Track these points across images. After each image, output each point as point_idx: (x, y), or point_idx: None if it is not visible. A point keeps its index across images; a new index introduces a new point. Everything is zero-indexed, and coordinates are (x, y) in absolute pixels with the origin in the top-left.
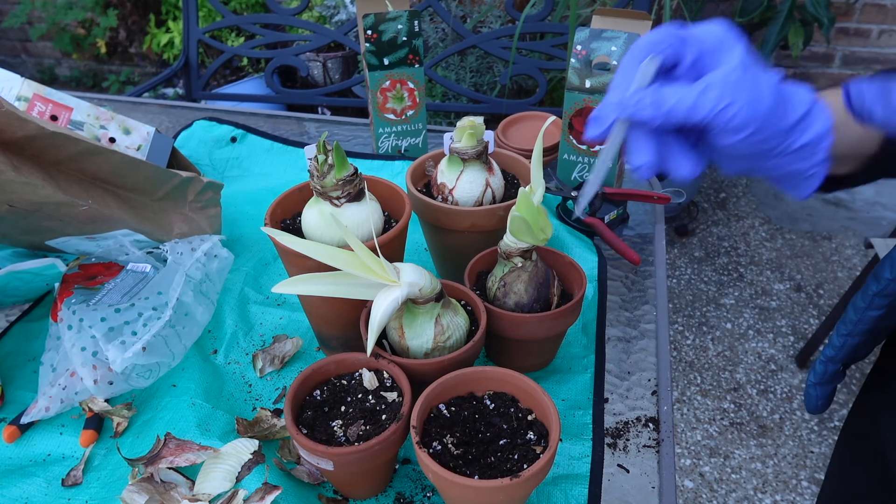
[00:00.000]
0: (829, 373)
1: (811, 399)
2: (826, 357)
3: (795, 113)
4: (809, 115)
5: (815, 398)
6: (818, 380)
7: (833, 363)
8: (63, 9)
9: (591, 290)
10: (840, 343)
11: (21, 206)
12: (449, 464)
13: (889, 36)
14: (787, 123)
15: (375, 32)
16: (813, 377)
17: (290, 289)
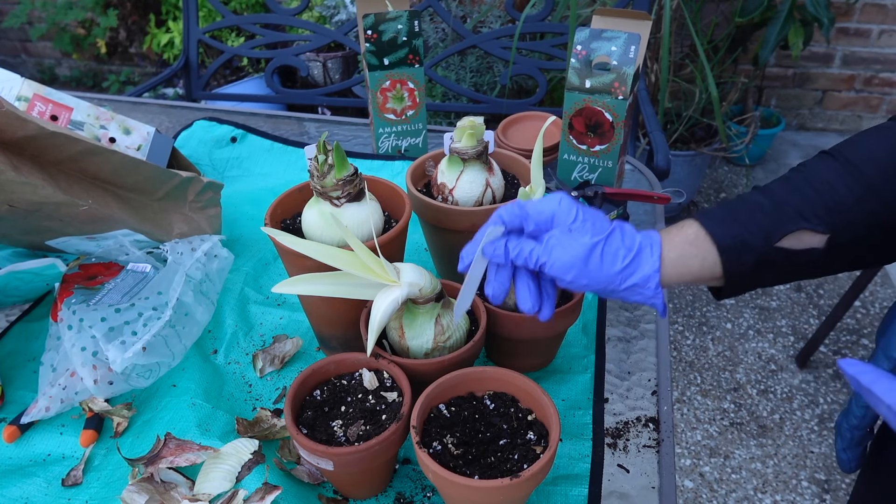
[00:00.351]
0: (857, 438)
1: (844, 463)
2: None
3: (622, 261)
4: (636, 260)
5: (848, 461)
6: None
7: (859, 430)
8: (63, 9)
9: None
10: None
11: (21, 206)
12: (449, 464)
13: (889, 36)
14: (613, 270)
15: (375, 32)
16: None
17: (290, 289)
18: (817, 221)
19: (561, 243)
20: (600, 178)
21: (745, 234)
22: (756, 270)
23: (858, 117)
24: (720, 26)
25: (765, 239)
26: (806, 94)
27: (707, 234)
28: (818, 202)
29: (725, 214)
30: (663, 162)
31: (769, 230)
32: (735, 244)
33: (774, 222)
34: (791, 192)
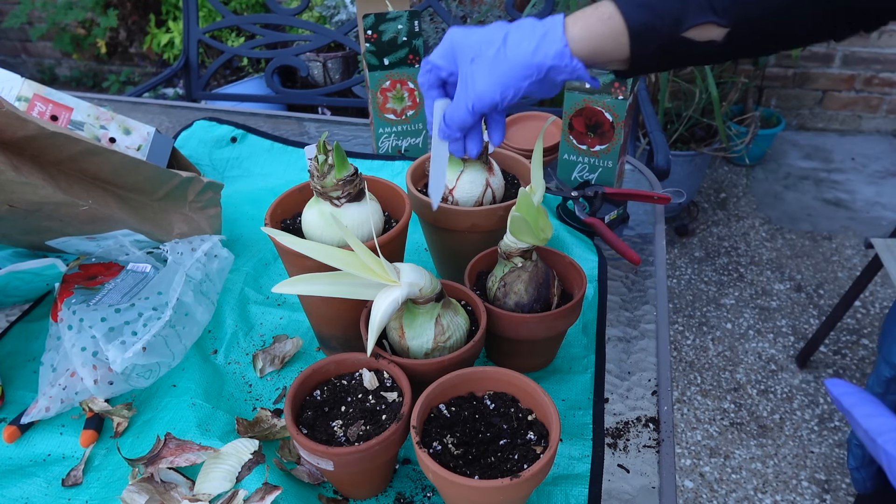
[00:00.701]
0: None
1: (859, 482)
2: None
3: (531, 50)
4: (542, 42)
5: (863, 480)
6: (859, 463)
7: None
8: (63, 9)
9: (592, 290)
10: None
11: (21, 206)
12: (449, 464)
13: (889, 36)
14: (527, 63)
15: (375, 32)
16: (853, 461)
17: (290, 289)
18: (723, 14)
19: (474, 77)
20: (600, 178)
21: (655, 21)
22: (658, 56)
23: (858, 117)
24: None
25: (672, 27)
26: (806, 94)
27: (621, 16)
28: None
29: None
30: (663, 162)
31: (678, 19)
32: (646, 30)
33: (685, 11)
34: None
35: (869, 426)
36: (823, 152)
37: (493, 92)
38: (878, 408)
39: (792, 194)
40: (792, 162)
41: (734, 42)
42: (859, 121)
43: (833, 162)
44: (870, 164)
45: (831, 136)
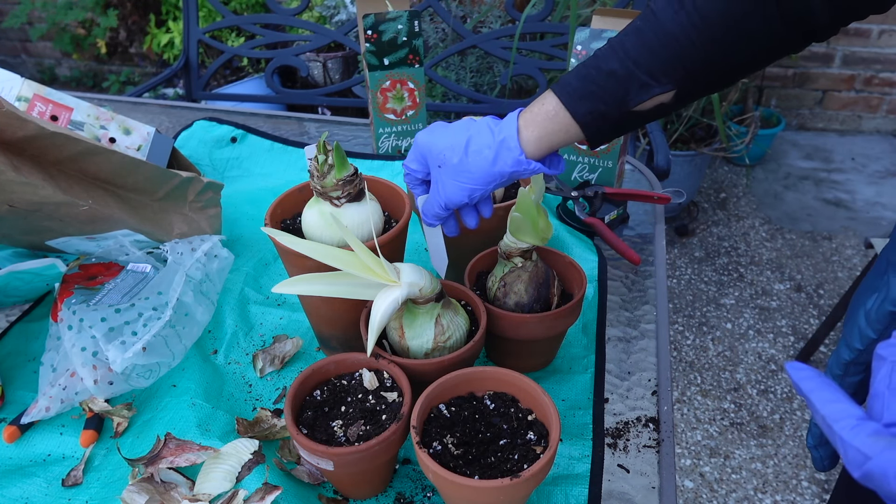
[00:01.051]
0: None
1: (816, 460)
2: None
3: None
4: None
5: (821, 459)
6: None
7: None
8: (63, 9)
9: (592, 290)
10: None
11: (21, 206)
12: (449, 464)
13: (889, 36)
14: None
15: (375, 32)
16: (811, 440)
17: (290, 289)
18: (666, 81)
19: (443, 181)
20: (600, 178)
21: (601, 107)
22: (614, 130)
23: (858, 117)
24: None
25: (619, 108)
26: (806, 94)
27: (566, 111)
28: (665, 58)
29: (582, 87)
30: (663, 162)
31: (623, 100)
32: (593, 118)
33: (628, 91)
34: (641, 49)
35: (826, 412)
36: (823, 152)
37: (461, 195)
38: (836, 393)
39: (792, 194)
40: (792, 162)
41: (683, 97)
42: (859, 121)
43: (833, 162)
44: (870, 164)
45: (831, 136)
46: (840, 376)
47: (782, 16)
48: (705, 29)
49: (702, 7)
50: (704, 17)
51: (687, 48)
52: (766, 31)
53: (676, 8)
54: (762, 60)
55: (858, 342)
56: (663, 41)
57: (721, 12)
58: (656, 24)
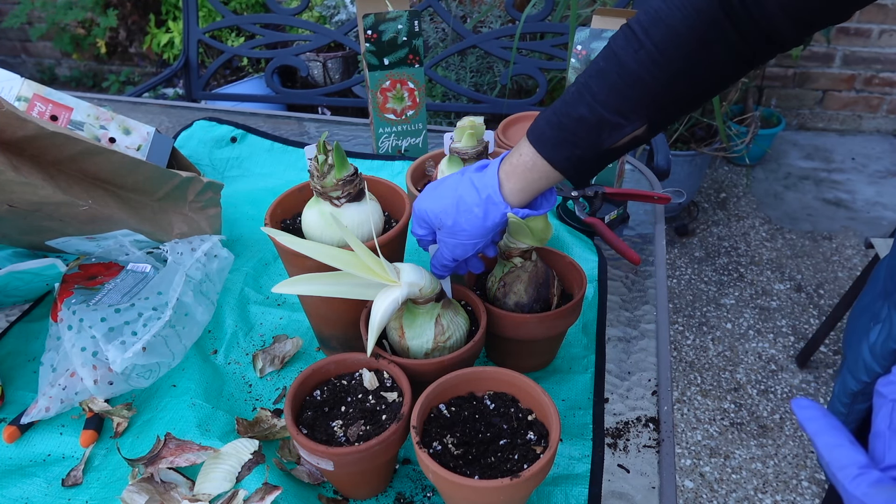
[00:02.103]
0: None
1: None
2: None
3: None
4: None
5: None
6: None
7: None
8: (63, 9)
9: (592, 290)
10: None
11: (21, 206)
12: (449, 464)
13: (889, 36)
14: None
15: (375, 32)
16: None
17: (290, 289)
18: (636, 118)
19: (443, 241)
20: (600, 178)
21: (576, 152)
22: (594, 168)
23: (858, 117)
24: None
25: (594, 150)
26: (806, 93)
27: (543, 160)
28: (634, 98)
29: (555, 136)
30: (663, 162)
31: (597, 142)
32: (570, 163)
33: (600, 134)
34: (608, 91)
35: (830, 458)
36: (823, 152)
37: (464, 250)
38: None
39: (792, 194)
40: (792, 162)
41: (657, 127)
42: (859, 121)
43: (833, 162)
44: (870, 163)
45: (831, 136)
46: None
47: (744, 39)
48: (667, 65)
49: (660, 43)
50: (664, 53)
51: (652, 85)
52: (729, 56)
53: (636, 47)
54: (731, 78)
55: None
56: (627, 81)
57: (679, 46)
58: (618, 65)
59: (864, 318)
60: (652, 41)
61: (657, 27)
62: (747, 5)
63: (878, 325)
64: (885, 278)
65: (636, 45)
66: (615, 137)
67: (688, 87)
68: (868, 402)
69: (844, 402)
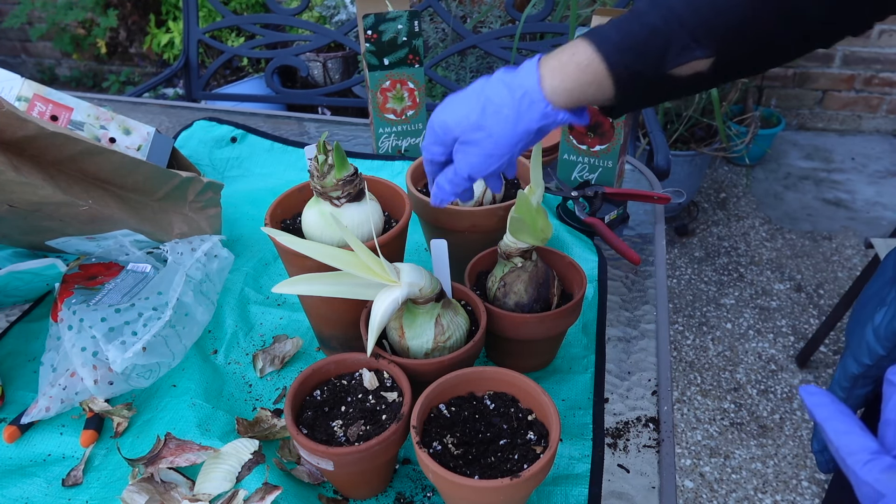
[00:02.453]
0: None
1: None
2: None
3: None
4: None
5: (826, 462)
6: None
7: None
8: (63, 9)
9: (592, 290)
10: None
11: (21, 206)
12: (449, 464)
13: (889, 36)
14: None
15: (375, 32)
16: (816, 444)
17: (290, 289)
18: (707, 43)
19: (462, 153)
20: (600, 178)
21: (638, 64)
22: (645, 93)
23: (858, 117)
24: None
25: (656, 68)
26: (806, 93)
27: (602, 62)
28: (709, 22)
29: (621, 40)
30: (663, 162)
31: (661, 59)
32: (628, 73)
33: (667, 50)
34: (686, 5)
35: (840, 444)
36: (823, 152)
37: (485, 163)
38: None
39: (792, 194)
40: (792, 162)
41: (720, 71)
42: (859, 121)
43: (833, 162)
44: (870, 164)
45: (831, 136)
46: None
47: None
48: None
49: None
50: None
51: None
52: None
53: None
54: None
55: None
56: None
57: None
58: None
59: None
60: None
61: None
62: None
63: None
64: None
65: None
66: (680, 59)
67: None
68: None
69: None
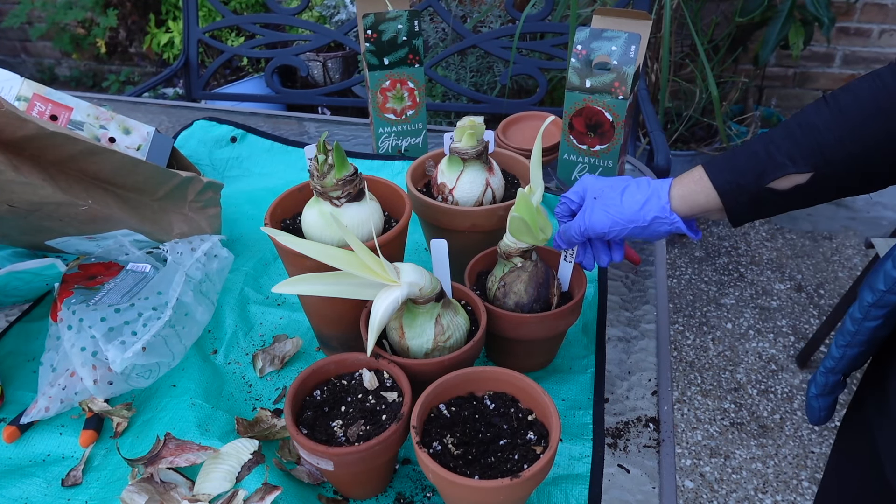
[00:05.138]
0: (830, 384)
1: (813, 411)
2: (826, 368)
3: (639, 203)
4: (650, 200)
5: (818, 409)
6: (820, 391)
7: (833, 374)
8: (63, 9)
9: (592, 290)
10: (839, 354)
11: (21, 206)
12: (449, 464)
13: (890, 35)
14: (634, 210)
15: (375, 32)
16: (814, 389)
17: (290, 289)
18: (802, 163)
19: (592, 209)
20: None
21: (739, 180)
22: (752, 206)
23: None
24: (720, 26)
25: (756, 182)
26: (806, 93)
27: (707, 177)
28: (805, 145)
29: (725, 162)
30: (663, 162)
31: (760, 174)
32: (731, 187)
33: (765, 168)
34: (784, 137)
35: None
36: None
37: (603, 225)
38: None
39: None
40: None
41: (822, 182)
42: None
43: None
44: None
45: None
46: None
47: None
48: (843, 121)
49: (843, 104)
50: (843, 111)
51: (824, 135)
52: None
53: (821, 106)
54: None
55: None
56: (804, 130)
57: (860, 108)
58: (800, 117)
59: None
60: (837, 103)
61: (844, 93)
62: None
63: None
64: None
65: (822, 105)
66: (777, 174)
67: (858, 147)
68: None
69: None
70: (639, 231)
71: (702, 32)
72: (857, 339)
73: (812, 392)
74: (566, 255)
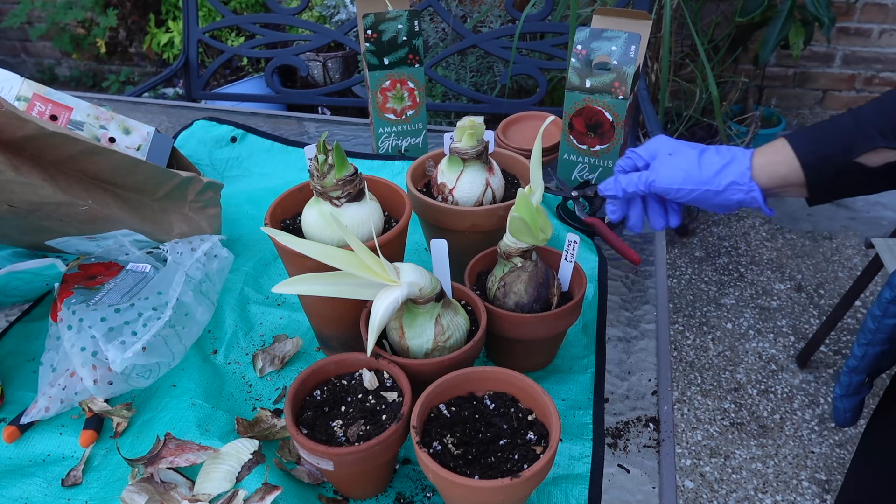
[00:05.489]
0: (855, 384)
1: (839, 412)
2: (849, 368)
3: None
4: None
5: (843, 411)
6: (844, 391)
7: (857, 374)
8: (63, 9)
9: (592, 290)
10: (861, 353)
11: (21, 206)
12: (449, 464)
13: (890, 35)
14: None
15: (375, 32)
16: (839, 389)
17: (290, 289)
18: (893, 138)
19: (664, 164)
20: (600, 177)
21: (825, 151)
22: (835, 182)
23: None
24: (720, 26)
25: (844, 154)
26: (806, 93)
27: (791, 149)
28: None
29: (810, 132)
30: None
31: (849, 147)
32: (815, 158)
33: (854, 140)
34: (876, 111)
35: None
36: None
37: (674, 181)
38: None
39: None
40: None
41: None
42: None
43: None
44: None
45: None
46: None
47: None
48: None
49: None
50: None
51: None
52: None
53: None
54: None
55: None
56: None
57: None
58: (894, 93)
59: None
60: None
61: None
62: None
63: None
64: None
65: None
66: (866, 146)
67: None
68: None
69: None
70: (710, 196)
71: (702, 32)
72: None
73: (837, 392)
74: (567, 255)
